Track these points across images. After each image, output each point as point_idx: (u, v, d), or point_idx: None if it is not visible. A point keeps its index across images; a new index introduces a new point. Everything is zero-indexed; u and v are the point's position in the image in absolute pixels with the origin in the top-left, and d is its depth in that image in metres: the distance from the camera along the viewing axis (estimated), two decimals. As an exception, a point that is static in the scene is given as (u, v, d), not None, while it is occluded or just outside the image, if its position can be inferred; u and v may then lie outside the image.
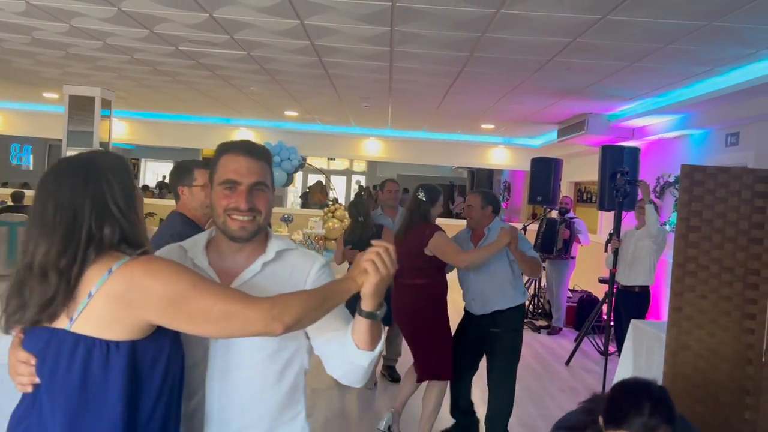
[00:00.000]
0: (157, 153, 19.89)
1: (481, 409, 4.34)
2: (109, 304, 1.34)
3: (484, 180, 14.10)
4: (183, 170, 2.80)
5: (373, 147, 11.92)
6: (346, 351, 1.55)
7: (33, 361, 1.37)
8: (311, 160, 13.56)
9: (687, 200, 3.34)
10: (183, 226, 2.60)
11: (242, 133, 11.73)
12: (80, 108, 8.36)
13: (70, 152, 8.77)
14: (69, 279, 1.34)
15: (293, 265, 1.65)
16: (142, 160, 21.20)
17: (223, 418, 1.58)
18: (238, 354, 1.57)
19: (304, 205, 14.46)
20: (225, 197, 1.58)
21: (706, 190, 3.32)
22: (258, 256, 1.64)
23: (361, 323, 1.50)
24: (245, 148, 1.62)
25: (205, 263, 1.62)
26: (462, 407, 4.24)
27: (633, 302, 5.46)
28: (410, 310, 3.98)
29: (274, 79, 6.64)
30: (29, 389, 1.39)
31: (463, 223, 4.22)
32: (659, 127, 6.98)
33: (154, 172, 21.25)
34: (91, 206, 1.38)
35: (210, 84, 7.29)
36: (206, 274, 1.56)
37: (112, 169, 1.47)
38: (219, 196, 1.59)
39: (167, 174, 16.64)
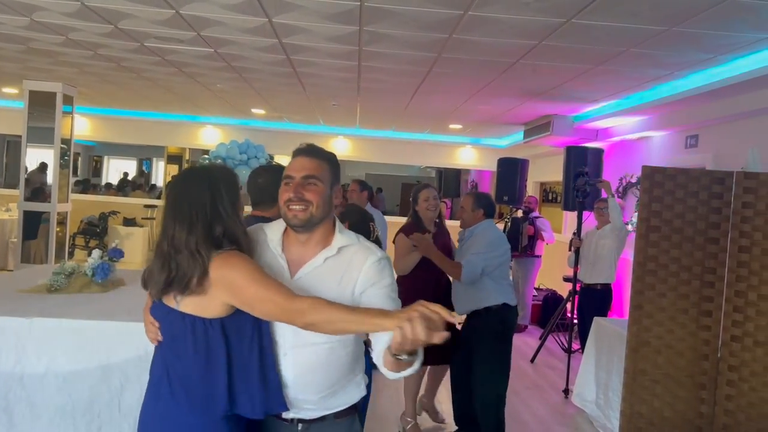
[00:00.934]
0: (121, 150, 19.54)
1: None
2: (204, 289, 1.72)
3: (451, 180, 14.17)
4: None
5: (342, 146, 11.90)
6: (378, 357, 1.70)
7: (157, 324, 1.82)
8: (279, 159, 13.47)
9: (647, 201, 3.42)
10: None
11: (208, 130, 11.60)
12: (41, 104, 8.16)
13: (30, 149, 8.57)
14: (203, 261, 1.72)
15: (350, 260, 1.84)
16: (105, 157, 20.80)
17: (297, 383, 1.84)
18: (305, 332, 1.72)
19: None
20: (284, 191, 1.84)
21: (666, 191, 3.41)
22: (321, 250, 1.85)
23: (388, 353, 1.60)
24: (305, 149, 1.90)
25: (279, 249, 1.87)
26: (471, 416, 4.05)
27: (596, 300, 5.60)
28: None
29: (241, 76, 6.59)
30: (155, 343, 1.85)
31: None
32: (622, 128, 7.13)
33: (116, 170, 20.86)
34: (210, 207, 1.78)
35: (176, 81, 7.20)
36: (277, 261, 1.86)
37: (224, 180, 1.84)
38: (281, 191, 1.86)
39: (130, 172, 16.36)
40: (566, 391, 5.32)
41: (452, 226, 4.62)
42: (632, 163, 7.07)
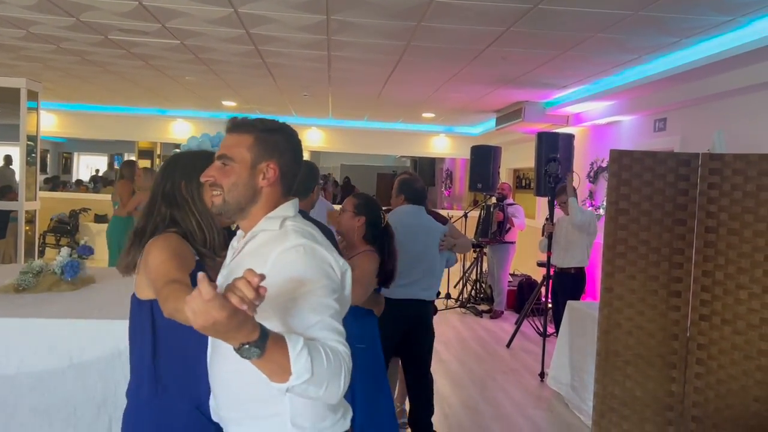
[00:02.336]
0: (91, 146, 19.20)
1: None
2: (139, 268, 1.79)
3: (426, 168, 14.24)
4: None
5: (315, 137, 11.84)
6: None
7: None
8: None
9: (616, 184, 3.46)
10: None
11: (179, 124, 11.45)
12: (5, 100, 7.97)
13: (-3, 147, 8.37)
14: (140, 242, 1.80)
15: (266, 249, 1.52)
16: (75, 153, 20.43)
17: (217, 395, 1.62)
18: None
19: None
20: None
21: (634, 174, 3.45)
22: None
23: None
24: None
25: (235, 242, 1.71)
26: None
27: (569, 283, 5.65)
28: None
29: (209, 68, 6.50)
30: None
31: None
32: (592, 113, 7.20)
33: (87, 166, 20.52)
34: (162, 193, 1.87)
35: (143, 74, 7.08)
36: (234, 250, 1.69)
37: (182, 166, 1.89)
38: None
39: (101, 168, 16.07)
40: (542, 375, 5.39)
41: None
42: (603, 148, 7.14)
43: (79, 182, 15.77)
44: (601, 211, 6.58)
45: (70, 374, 3.29)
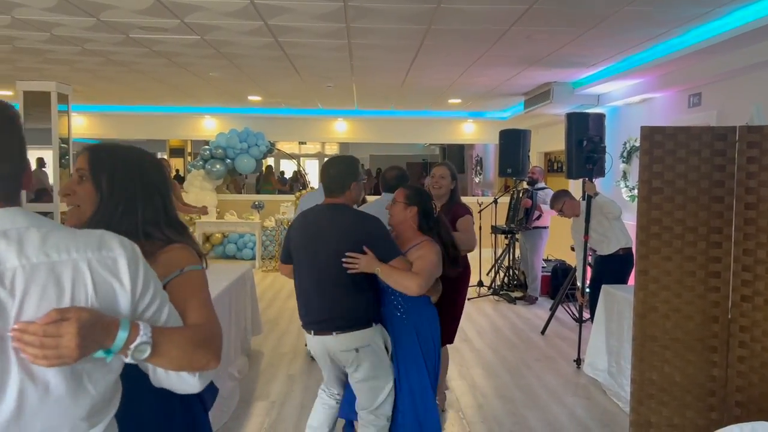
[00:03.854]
0: (124, 146, 19.49)
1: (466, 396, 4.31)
2: None
3: (455, 155, 14.09)
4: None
5: (343, 128, 11.81)
6: None
7: None
8: (282, 145, 13.40)
9: (648, 162, 3.32)
10: None
11: (207, 121, 11.53)
12: (36, 104, 8.10)
13: (30, 150, 8.52)
14: None
15: None
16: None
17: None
18: None
19: (258, 191, 14.26)
20: None
21: (667, 151, 3.30)
22: None
23: None
24: None
25: None
26: None
27: (617, 266, 5.33)
28: None
29: (232, 63, 6.49)
30: None
31: None
32: (623, 92, 6.99)
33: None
34: None
35: (167, 72, 7.12)
36: None
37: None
38: None
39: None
40: (578, 361, 5.26)
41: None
42: (635, 127, 6.88)
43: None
44: (636, 192, 6.38)
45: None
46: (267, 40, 5.34)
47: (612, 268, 5.35)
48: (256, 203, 10.12)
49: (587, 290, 5.62)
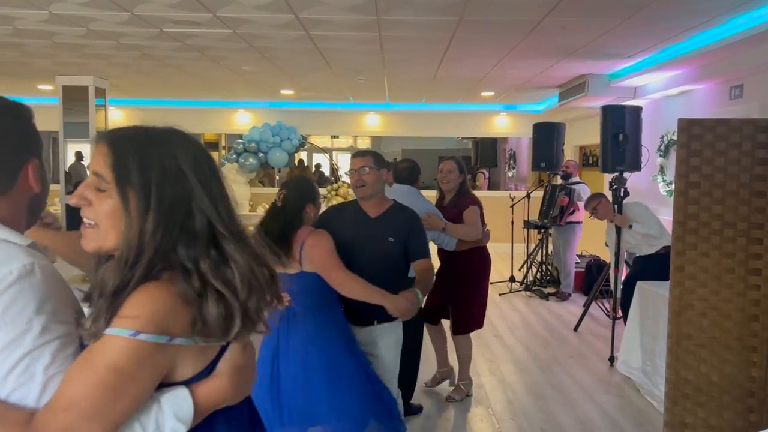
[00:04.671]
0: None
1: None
2: None
3: (488, 149, 13.94)
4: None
5: (374, 122, 11.78)
6: None
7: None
8: (312, 140, 13.45)
9: (685, 155, 3.23)
10: None
11: (241, 115, 11.64)
12: (75, 98, 8.27)
13: (69, 144, 8.71)
14: None
15: None
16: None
17: None
18: None
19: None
20: None
21: (705, 144, 3.20)
22: None
23: None
24: None
25: None
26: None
27: (658, 264, 4.96)
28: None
29: (264, 56, 6.52)
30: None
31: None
32: (661, 84, 6.80)
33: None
34: None
35: (201, 66, 7.19)
36: None
37: None
38: None
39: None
40: (611, 359, 5.16)
41: (487, 196, 4.54)
42: (673, 120, 6.69)
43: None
44: (673, 186, 6.21)
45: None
46: (298, 33, 5.35)
47: (653, 267, 5.08)
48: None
49: (620, 287, 5.49)
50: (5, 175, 1.16)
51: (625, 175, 5.57)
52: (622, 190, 5.39)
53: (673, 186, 6.23)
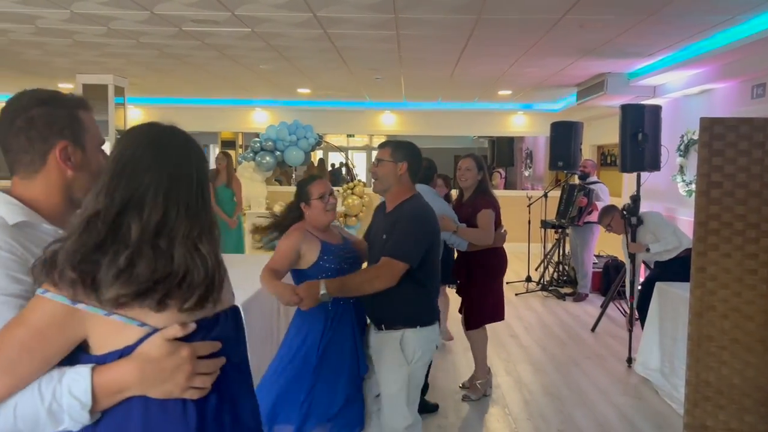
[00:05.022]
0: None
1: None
2: None
3: (504, 148, 13.88)
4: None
5: (390, 121, 11.78)
6: None
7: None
8: (328, 138, 13.47)
9: (707, 155, 3.18)
10: None
11: (258, 113, 11.69)
12: (94, 97, 8.35)
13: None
14: None
15: None
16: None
17: None
18: None
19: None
20: None
21: (728, 144, 3.16)
22: None
23: None
24: None
25: None
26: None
27: (678, 267, 4.90)
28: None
29: (281, 55, 6.54)
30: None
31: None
32: (681, 83, 6.73)
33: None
34: None
35: (219, 64, 7.22)
36: None
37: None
38: None
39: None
40: (629, 360, 5.11)
41: (504, 195, 4.54)
42: (694, 119, 6.64)
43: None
44: (694, 186, 6.14)
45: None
46: (316, 31, 5.35)
47: (673, 269, 5.00)
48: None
49: (638, 288, 5.42)
50: (34, 157, 1.30)
51: (644, 175, 5.52)
52: (635, 218, 5.27)
53: (692, 186, 6.17)
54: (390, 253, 2.62)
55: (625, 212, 5.34)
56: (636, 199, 5.33)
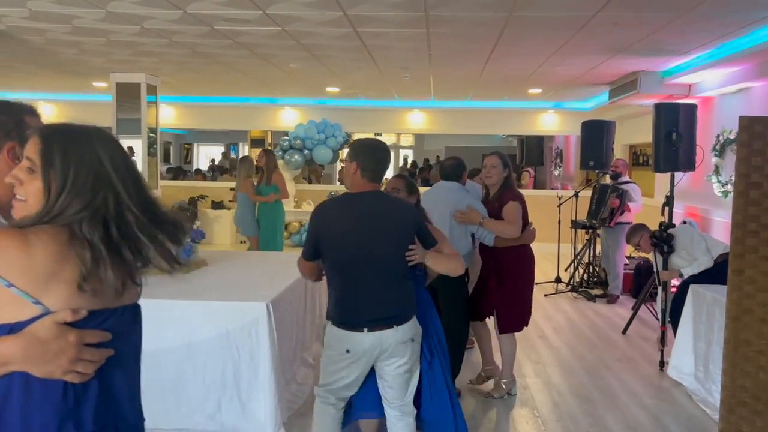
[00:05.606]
0: (209, 137, 20.25)
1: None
2: None
3: (534, 147, 13.74)
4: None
5: (418, 119, 11.75)
6: None
7: None
8: (357, 137, 13.49)
9: (746, 155, 3.10)
10: None
11: (287, 112, 11.76)
12: (128, 95, 8.51)
13: (122, 140, 8.95)
14: None
15: None
16: (195, 144, 21.60)
17: None
18: None
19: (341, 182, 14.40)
20: None
21: (768, 143, 3.07)
22: None
23: None
24: None
25: None
26: None
27: (714, 273, 4.76)
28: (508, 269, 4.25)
29: (312, 54, 6.56)
30: None
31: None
32: (717, 81, 6.59)
33: (206, 156, 21.64)
34: None
35: (250, 63, 7.29)
36: None
37: None
38: None
39: (216, 157, 16.98)
40: (662, 364, 5.02)
41: (534, 195, 4.48)
42: (730, 119, 6.52)
43: (197, 171, 16.66)
44: (729, 187, 6.02)
45: (180, 354, 3.43)
46: (346, 30, 5.36)
47: (708, 274, 4.87)
48: (332, 193, 10.25)
49: (672, 292, 5.30)
50: None
51: (677, 175, 5.41)
52: (666, 247, 5.16)
53: (728, 187, 6.04)
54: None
55: (655, 239, 5.22)
56: (667, 227, 5.22)
